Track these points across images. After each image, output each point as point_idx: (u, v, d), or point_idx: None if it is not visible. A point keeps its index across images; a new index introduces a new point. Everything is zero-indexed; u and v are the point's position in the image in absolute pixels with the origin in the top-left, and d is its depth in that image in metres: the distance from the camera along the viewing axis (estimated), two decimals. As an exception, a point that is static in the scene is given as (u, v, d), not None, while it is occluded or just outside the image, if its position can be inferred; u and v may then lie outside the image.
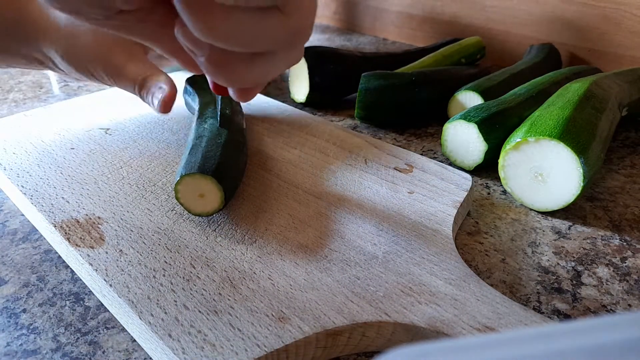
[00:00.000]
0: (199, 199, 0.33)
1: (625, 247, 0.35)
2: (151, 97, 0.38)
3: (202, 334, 0.25)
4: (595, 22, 0.61)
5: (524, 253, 0.35)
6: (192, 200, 0.33)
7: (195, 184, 0.32)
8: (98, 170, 0.39)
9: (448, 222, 0.34)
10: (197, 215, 0.34)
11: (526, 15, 0.67)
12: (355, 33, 0.91)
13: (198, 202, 0.33)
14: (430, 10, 0.79)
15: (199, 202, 0.33)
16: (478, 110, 0.43)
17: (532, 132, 0.36)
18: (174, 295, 0.27)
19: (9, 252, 0.35)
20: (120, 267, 0.29)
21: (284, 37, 0.21)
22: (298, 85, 0.57)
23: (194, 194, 0.33)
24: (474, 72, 0.56)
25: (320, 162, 0.41)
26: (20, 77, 0.68)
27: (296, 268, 0.29)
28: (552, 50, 0.61)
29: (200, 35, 0.19)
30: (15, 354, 0.27)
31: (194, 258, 0.30)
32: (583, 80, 0.44)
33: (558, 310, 0.30)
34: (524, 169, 0.38)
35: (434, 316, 0.26)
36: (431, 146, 0.49)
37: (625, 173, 0.45)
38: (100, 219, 0.33)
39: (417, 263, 0.30)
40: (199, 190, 0.32)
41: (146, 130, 0.46)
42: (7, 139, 0.44)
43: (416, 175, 0.39)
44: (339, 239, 0.32)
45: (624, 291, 0.31)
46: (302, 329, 0.25)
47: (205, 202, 0.33)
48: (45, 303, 0.31)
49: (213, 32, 0.19)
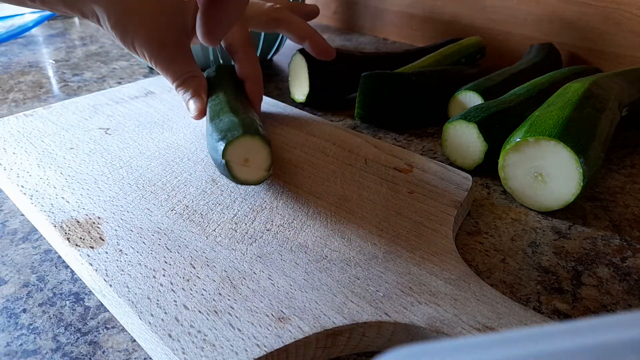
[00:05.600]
0: (243, 167, 0.32)
1: (625, 247, 0.35)
2: (188, 98, 0.41)
3: (202, 334, 0.25)
4: (595, 22, 0.61)
5: (524, 253, 0.34)
6: (239, 169, 0.32)
7: (241, 148, 0.32)
8: (98, 170, 0.39)
9: (448, 222, 0.34)
10: (243, 184, 0.33)
11: (526, 15, 0.67)
12: (355, 33, 0.91)
13: (244, 169, 0.32)
14: (430, 10, 0.79)
15: (246, 170, 0.33)
16: (478, 110, 0.43)
17: (531, 132, 0.36)
18: (174, 295, 0.27)
19: (9, 252, 0.35)
20: (120, 267, 0.29)
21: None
22: (298, 85, 0.57)
23: (239, 160, 0.32)
24: (474, 72, 0.56)
25: (320, 162, 0.41)
26: (20, 77, 0.68)
27: (296, 268, 0.29)
28: (552, 50, 0.61)
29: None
30: (15, 354, 0.27)
31: (194, 258, 0.30)
32: (583, 80, 0.44)
33: (558, 310, 0.30)
34: (523, 169, 0.38)
35: (434, 316, 0.26)
36: (431, 146, 0.49)
37: (626, 173, 0.45)
38: (100, 219, 0.33)
39: (417, 263, 0.30)
40: (244, 154, 0.32)
41: (146, 130, 0.46)
42: (7, 139, 0.44)
43: (416, 175, 0.39)
44: (339, 239, 0.32)
45: (624, 291, 0.31)
46: (302, 329, 0.25)
47: (251, 169, 0.33)
48: (45, 303, 0.31)
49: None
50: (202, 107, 0.41)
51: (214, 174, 0.39)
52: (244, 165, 0.33)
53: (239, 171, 0.33)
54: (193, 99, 0.41)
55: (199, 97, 0.41)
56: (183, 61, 0.41)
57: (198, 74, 0.41)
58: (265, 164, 0.33)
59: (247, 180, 0.33)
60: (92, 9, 0.38)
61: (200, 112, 0.41)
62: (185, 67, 0.41)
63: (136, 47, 0.39)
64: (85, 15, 0.39)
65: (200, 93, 0.41)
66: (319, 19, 0.98)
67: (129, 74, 0.70)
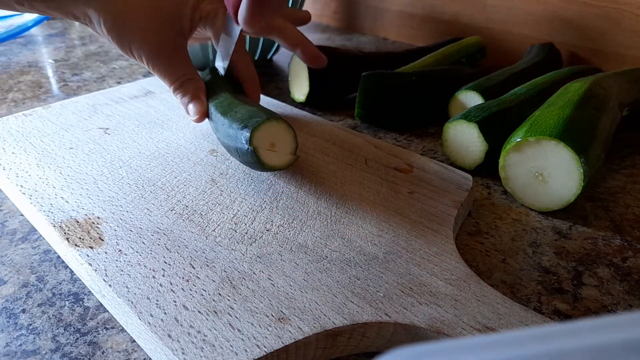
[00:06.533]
0: (270, 152, 0.33)
1: (626, 247, 0.35)
2: (187, 101, 0.41)
3: (201, 334, 0.25)
4: (595, 22, 0.61)
5: (525, 253, 0.34)
6: (266, 154, 0.33)
7: (267, 132, 0.33)
8: (97, 170, 0.39)
9: (448, 222, 0.33)
10: (270, 170, 0.34)
11: (527, 14, 0.67)
12: (355, 33, 0.91)
13: (270, 155, 0.33)
14: (431, 10, 0.79)
15: (273, 155, 0.33)
16: (478, 110, 0.43)
17: (532, 132, 0.36)
18: (174, 296, 0.27)
19: (8, 252, 0.35)
20: (119, 267, 0.29)
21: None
22: (298, 85, 0.57)
23: (265, 145, 0.33)
24: (475, 72, 0.56)
25: (320, 162, 0.41)
26: (20, 77, 0.68)
27: (296, 268, 0.29)
28: (552, 50, 0.61)
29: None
30: (14, 354, 0.27)
31: (194, 258, 0.30)
32: (583, 80, 0.44)
33: (559, 310, 0.30)
34: (524, 169, 0.38)
35: (435, 316, 0.26)
36: (431, 146, 0.49)
37: (626, 173, 0.45)
38: (99, 219, 0.33)
39: (418, 263, 0.30)
40: (270, 139, 0.33)
41: (146, 130, 0.46)
42: (6, 139, 0.44)
43: (416, 175, 0.39)
44: (339, 239, 0.32)
45: (625, 291, 0.31)
46: (302, 329, 0.25)
47: (277, 153, 0.33)
48: (44, 303, 0.31)
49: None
50: (202, 110, 0.40)
51: (213, 173, 0.39)
52: (271, 151, 0.33)
53: (267, 157, 0.33)
54: (193, 102, 0.40)
55: (199, 100, 0.40)
56: (180, 64, 0.40)
57: (195, 76, 0.41)
58: (291, 147, 0.34)
59: (275, 165, 0.34)
60: (85, 12, 0.37)
61: (202, 114, 0.40)
62: (182, 70, 0.40)
63: (133, 52, 0.39)
64: (77, 18, 0.38)
65: (200, 95, 0.41)
66: (318, 19, 0.98)
67: (128, 73, 0.70)
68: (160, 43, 0.39)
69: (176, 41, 0.40)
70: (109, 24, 0.37)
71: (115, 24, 0.37)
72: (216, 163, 0.40)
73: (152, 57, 0.39)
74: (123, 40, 0.38)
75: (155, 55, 0.39)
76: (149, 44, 0.38)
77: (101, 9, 0.37)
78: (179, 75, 0.40)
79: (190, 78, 0.41)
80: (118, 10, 0.37)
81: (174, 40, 0.40)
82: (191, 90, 0.41)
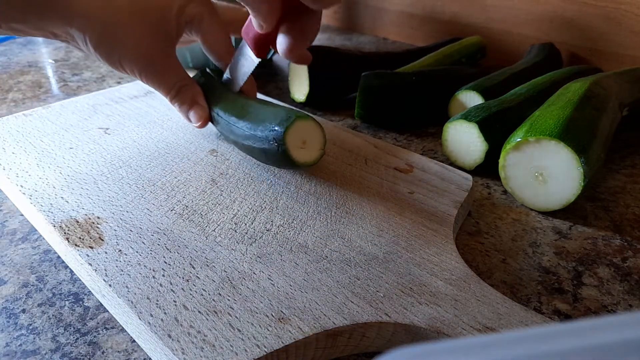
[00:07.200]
0: (300, 149, 0.34)
1: (626, 247, 0.35)
2: (186, 109, 0.41)
3: (201, 334, 0.25)
4: (595, 22, 0.61)
5: (525, 253, 0.34)
6: (297, 152, 0.34)
7: (299, 131, 0.34)
8: (97, 170, 0.39)
9: (448, 222, 0.33)
10: (300, 167, 0.36)
11: (527, 14, 0.67)
12: (355, 33, 0.91)
13: (301, 152, 0.34)
14: (431, 10, 0.79)
15: (303, 152, 0.35)
16: (478, 110, 0.43)
17: (532, 132, 0.36)
18: (174, 296, 0.27)
19: (8, 252, 0.35)
20: (119, 267, 0.29)
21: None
22: (298, 85, 0.57)
23: (297, 143, 0.34)
24: (475, 72, 0.56)
25: (320, 162, 0.41)
26: (20, 77, 0.68)
27: (296, 268, 0.29)
28: (552, 50, 0.61)
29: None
30: (14, 354, 0.27)
31: (194, 258, 0.30)
32: (583, 80, 0.44)
33: (559, 310, 0.30)
34: (524, 169, 0.38)
35: (435, 316, 0.26)
36: (431, 146, 0.49)
37: (626, 173, 0.45)
38: (99, 219, 0.33)
39: (418, 263, 0.30)
40: (301, 137, 0.34)
41: (146, 129, 0.46)
42: (6, 139, 0.44)
43: (416, 175, 0.39)
44: (339, 239, 0.32)
45: (625, 291, 0.31)
46: (302, 329, 0.25)
47: (307, 150, 0.35)
48: (44, 303, 0.31)
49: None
50: (204, 115, 0.40)
51: (213, 173, 0.39)
52: (301, 148, 0.34)
53: (298, 154, 0.35)
54: (193, 109, 0.40)
55: (198, 105, 0.40)
56: (172, 72, 0.40)
57: (189, 81, 0.40)
58: (320, 143, 0.36)
59: (306, 162, 0.35)
60: (67, 31, 0.36)
61: (204, 119, 0.40)
62: (175, 77, 0.40)
63: (124, 66, 0.38)
64: (57, 37, 0.37)
65: (198, 101, 0.40)
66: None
67: (128, 73, 0.70)
68: (150, 53, 0.38)
69: (165, 49, 0.39)
70: (94, 41, 0.36)
71: (102, 40, 0.36)
72: (216, 163, 0.40)
73: (143, 68, 0.38)
74: (112, 55, 0.37)
75: (146, 66, 0.38)
76: (139, 55, 0.37)
77: (86, 27, 0.35)
78: (173, 83, 0.40)
79: (184, 84, 0.40)
80: (103, 26, 0.36)
81: (163, 48, 0.39)
82: (189, 97, 0.40)
